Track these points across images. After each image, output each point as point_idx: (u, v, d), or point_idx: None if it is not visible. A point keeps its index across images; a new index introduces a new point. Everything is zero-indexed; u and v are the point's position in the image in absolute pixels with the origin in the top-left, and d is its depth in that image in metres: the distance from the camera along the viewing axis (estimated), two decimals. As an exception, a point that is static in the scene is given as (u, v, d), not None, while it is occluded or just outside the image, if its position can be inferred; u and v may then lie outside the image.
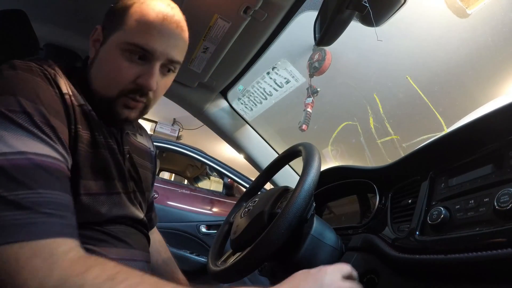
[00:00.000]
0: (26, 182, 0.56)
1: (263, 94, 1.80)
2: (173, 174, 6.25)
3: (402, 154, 0.98)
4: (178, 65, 0.87)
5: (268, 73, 1.77)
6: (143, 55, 0.78)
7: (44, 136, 0.63)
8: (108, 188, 0.81)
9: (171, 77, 0.89)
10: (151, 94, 0.83)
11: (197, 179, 5.47)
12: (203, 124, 1.72)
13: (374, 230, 0.90)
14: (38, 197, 0.56)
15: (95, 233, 0.79)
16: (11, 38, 0.94)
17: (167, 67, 0.84)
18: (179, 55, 0.84)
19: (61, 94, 0.73)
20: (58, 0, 1.20)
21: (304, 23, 1.14)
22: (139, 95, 0.81)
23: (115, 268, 0.54)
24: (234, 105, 1.67)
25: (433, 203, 0.74)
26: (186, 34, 0.85)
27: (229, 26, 1.12)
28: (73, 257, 0.54)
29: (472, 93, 2.91)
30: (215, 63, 1.31)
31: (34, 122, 0.63)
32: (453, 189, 0.71)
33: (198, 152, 3.01)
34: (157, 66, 0.80)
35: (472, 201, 0.63)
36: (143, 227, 0.96)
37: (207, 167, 4.36)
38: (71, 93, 0.76)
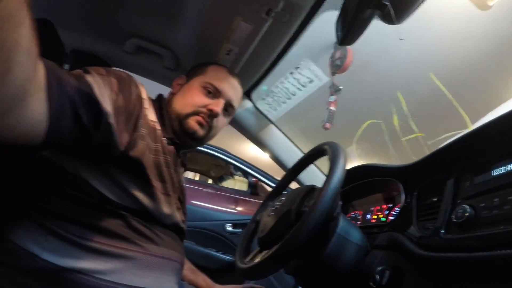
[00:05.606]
0: None
1: (287, 94, 1.81)
2: (198, 174, 6.32)
3: (427, 152, 0.97)
4: (233, 111, 1.20)
5: (291, 73, 1.78)
6: (214, 93, 1.11)
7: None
8: (165, 190, 0.98)
9: (227, 120, 1.20)
10: (215, 121, 1.10)
11: (221, 178, 5.50)
12: (227, 124, 1.75)
13: (399, 228, 0.90)
14: None
15: (146, 230, 0.91)
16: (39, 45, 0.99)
17: (226, 108, 1.14)
18: (236, 102, 1.18)
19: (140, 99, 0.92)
20: (82, 8, 1.25)
21: (324, 22, 1.14)
22: (207, 116, 1.08)
23: None
24: (258, 105, 1.68)
25: (458, 201, 0.75)
26: (241, 91, 1.22)
27: (252, 28, 1.13)
28: None
29: (495, 89, 2.84)
30: (239, 65, 1.33)
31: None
32: (478, 187, 0.71)
33: (222, 152, 3.03)
34: (222, 102, 1.11)
35: (497, 199, 0.63)
36: (182, 233, 1.08)
37: (232, 166, 4.38)
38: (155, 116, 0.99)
